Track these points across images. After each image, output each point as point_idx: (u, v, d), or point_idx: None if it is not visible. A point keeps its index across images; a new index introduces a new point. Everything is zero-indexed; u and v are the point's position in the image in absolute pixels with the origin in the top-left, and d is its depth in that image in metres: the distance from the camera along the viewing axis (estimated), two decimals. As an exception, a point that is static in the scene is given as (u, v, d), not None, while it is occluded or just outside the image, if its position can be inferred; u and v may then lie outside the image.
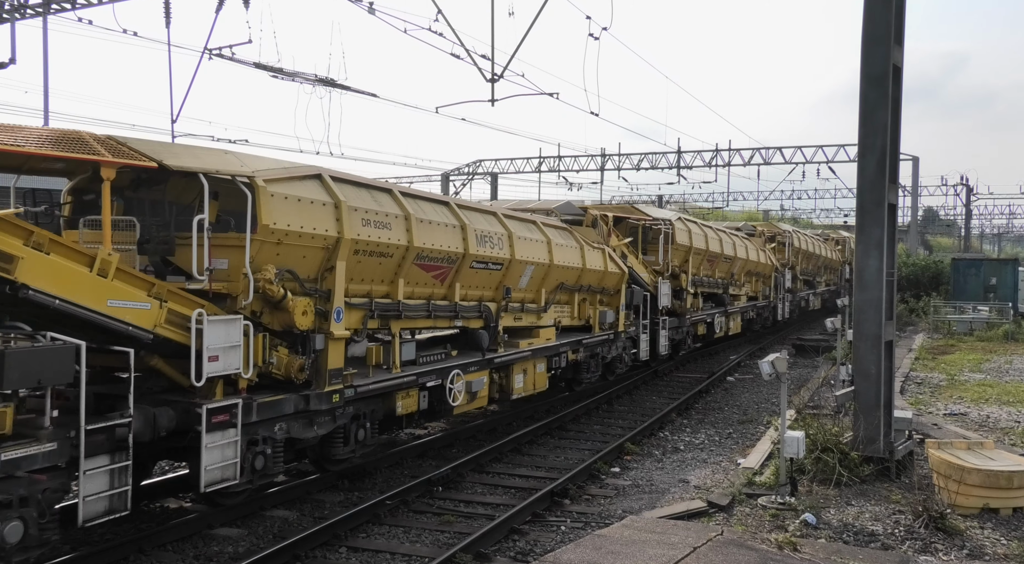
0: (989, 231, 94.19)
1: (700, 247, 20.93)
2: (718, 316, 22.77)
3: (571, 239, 14.77)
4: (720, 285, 23.37)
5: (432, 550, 8.05)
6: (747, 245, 25.77)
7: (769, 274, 28.42)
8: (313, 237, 8.62)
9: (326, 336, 8.86)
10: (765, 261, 27.66)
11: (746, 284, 26.37)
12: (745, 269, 25.65)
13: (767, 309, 28.43)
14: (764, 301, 28.07)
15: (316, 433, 9.00)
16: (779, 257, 30.15)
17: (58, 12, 16.52)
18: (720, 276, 23.38)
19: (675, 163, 45.63)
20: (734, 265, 24.27)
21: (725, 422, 14.87)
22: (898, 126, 10.49)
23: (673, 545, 7.24)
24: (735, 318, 24.64)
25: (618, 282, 16.29)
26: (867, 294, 10.22)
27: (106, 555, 7.44)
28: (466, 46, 16.38)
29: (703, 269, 21.82)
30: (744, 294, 26.10)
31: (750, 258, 25.62)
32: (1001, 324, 28.22)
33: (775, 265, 28.82)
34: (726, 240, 23.55)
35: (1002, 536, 8.13)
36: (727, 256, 23.35)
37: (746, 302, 26.20)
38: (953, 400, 15.64)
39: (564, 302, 14.88)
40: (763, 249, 28.25)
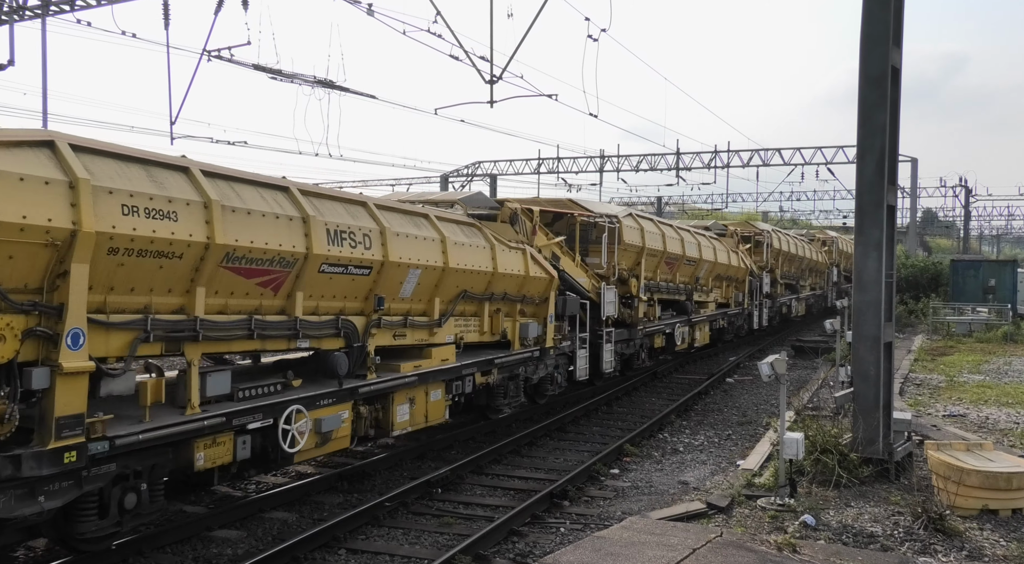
0: (988, 232, 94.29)
1: (655, 247, 18.61)
2: (680, 325, 20.30)
3: (478, 237, 12.07)
4: (682, 291, 20.75)
5: (431, 552, 8.04)
6: (715, 246, 23.36)
7: (743, 278, 25.90)
8: (24, 229, 6.07)
9: (52, 370, 6.32)
10: (737, 264, 25.17)
11: (715, 289, 23.83)
12: (713, 273, 23.21)
13: (740, 317, 25.99)
14: (737, 308, 25.52)
15: (43, 507, 6.37)
16: (756, 259, 27.87)
17: (57, 14, 16.52)
18: (682, 281, 20.93)
19: (674, 164, 45.67)
20: (699, 268, 21.87)
21: (724, 423, 14.87)
22: (897, 127, 10.50)
23: (672, 547, 7.24)
24: (701, 328, 22.28)
25: (545, 289, 13.62)
26: (866, 295, 10.22)
27: (105, 557, 7.43)
28: (465, 47, 16.40)
29: (660, 273, 19.37)
30: (712, 301, 23.51)
31: (719, 261, 23.14)
32: (1000, 325, 28.24)
33: (749, 268, 26.35)
34: (689, 240, 21.21)
35: (1001, 537, 8.12)
36: (690, 258, 20.93)
37: (715, 310, 23.61)
38: (952, 401, 15.65)
39: (470, 314, 12.08)
40: (736, 250, 25.79)
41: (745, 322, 27.98)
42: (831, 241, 39.01)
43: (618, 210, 18.27)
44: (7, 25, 15.78)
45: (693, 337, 21.97)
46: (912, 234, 54.22)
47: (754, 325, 29.13)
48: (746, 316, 28.09)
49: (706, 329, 23.59)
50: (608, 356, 16.24)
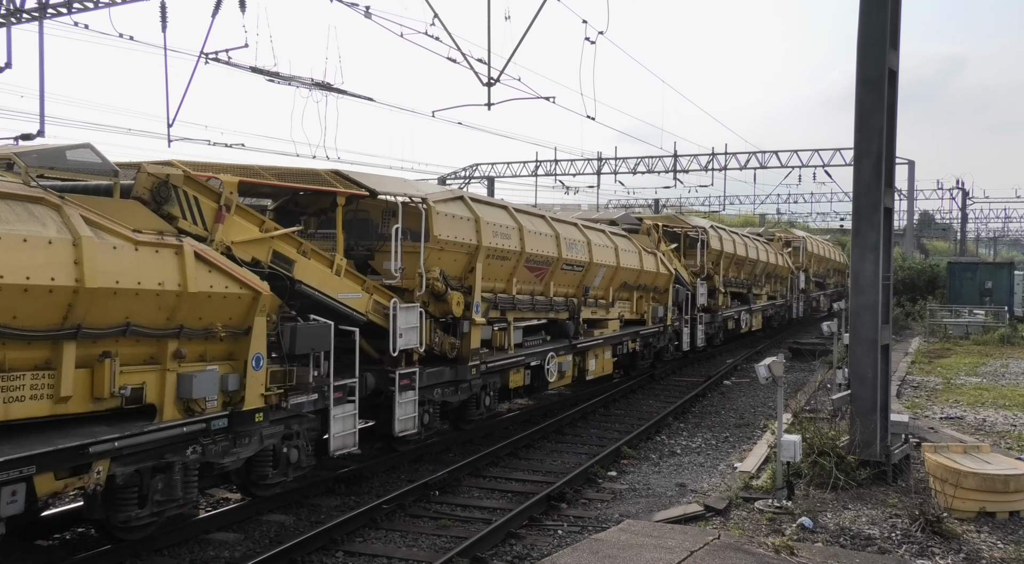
0: (985, 235, 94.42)
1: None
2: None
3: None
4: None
5: (429, 554, 8.03)
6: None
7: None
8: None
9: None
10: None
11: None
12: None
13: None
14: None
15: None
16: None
17: (54, 16, 16.50)
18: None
19: (671, 167, 45.71)
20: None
21: (722, 426, 14.88)
22: (894, 130, 10.52)
23: (670, 549, 7.24)
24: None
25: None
26: (863, 298, 10.23)
27: (103, 559, 7.41)
28: (462, 50, 16.40)
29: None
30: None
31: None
32: (997, 328, 28.28)
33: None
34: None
35: (999, 540, 8.13)
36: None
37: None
38: (949, 404, 15.66)
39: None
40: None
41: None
42: (798, 242, 34.18)
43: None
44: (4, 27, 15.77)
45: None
46: (909, 236, 54.29)
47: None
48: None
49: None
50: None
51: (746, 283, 25.90)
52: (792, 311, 31.82)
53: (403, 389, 10.33)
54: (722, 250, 22.86)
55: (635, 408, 16.34)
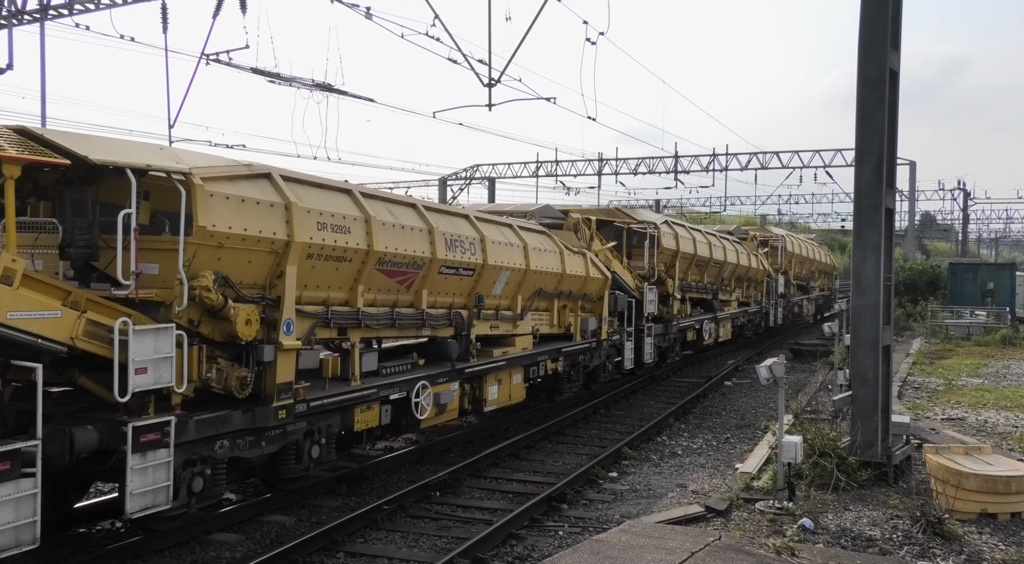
0: (986, 235, 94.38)
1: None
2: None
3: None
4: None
5: (430, 555, 8.03)
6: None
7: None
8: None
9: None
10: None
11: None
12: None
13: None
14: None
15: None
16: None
17: (55, 18, 16.53)
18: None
19: (672, 168, 45.71)
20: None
21: (723, 427, 14.87)
22: (895, 130, 10.51)
23: (671, 550, 7.23)
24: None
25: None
26: (864, 299, 10.22)
27: (103, 561, 7.41)
28: (463, 51, 16.42)
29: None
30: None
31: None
32: (998, 329, 28.24)
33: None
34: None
35: (1000, 541, 8.12)
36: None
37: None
38: (951, 405, 15.64)
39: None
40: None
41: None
42: (776, 241, 30.69)
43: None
44: (6, 29, 15.79)
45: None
46: (910, 237, 54.27)
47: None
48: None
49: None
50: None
51: (710, 288, 22.77)
52: (769, 318, 28.46)
53: (147, 448, 7.01)
54: (678, 249, 19.71)
55: (636, 409, 16.33)
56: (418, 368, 10.88)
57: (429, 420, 10.88)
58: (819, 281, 38.12)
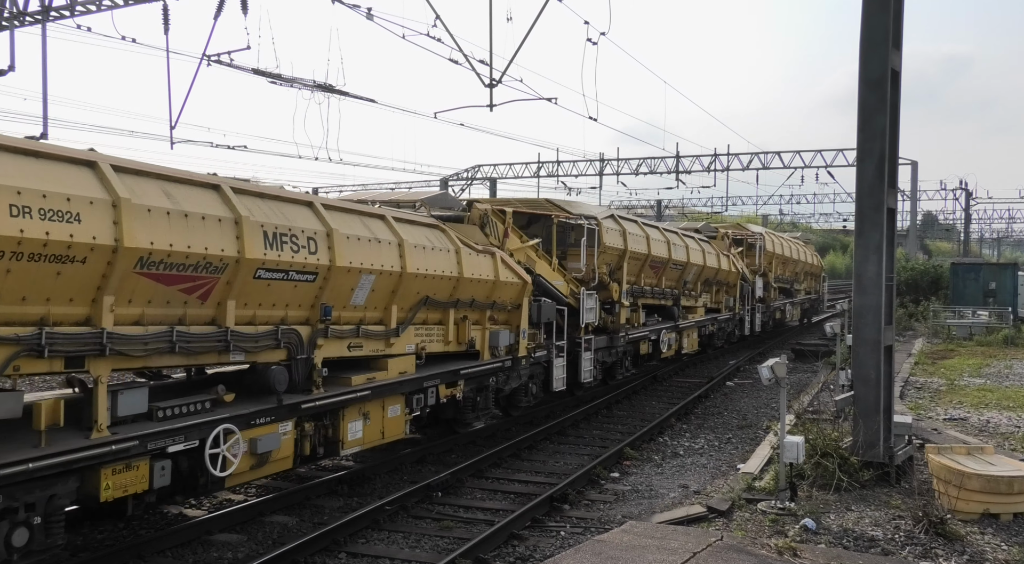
0: (988, 235, 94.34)
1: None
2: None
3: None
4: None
5: (431, 555, 8.03)
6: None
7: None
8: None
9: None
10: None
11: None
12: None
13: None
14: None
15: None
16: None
17: (57, 19, 16.54)
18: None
19: (674, 168, 45.73)
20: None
21: (725, 427, 14.86)
22: (897, 130, 10.50)
23: (673, 551, 7.23)
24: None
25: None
26: (866, 299, 10.22)
27: (106, 561, 7.42)
28: (464, 51, 16.41)
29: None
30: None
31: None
32: (1000, 329, 28.21)
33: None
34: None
35: (1002, 542, 8.11)
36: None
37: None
38: (953, 405, 15.63)
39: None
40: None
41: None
42: (753, 239, 27.71)
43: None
44: (7, 31, 15.80)
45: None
46: (912, 237, 54.25)
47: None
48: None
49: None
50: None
51: (670, 293, 19.98)
52: (745, 326, 25.60)
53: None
54: (626, 248, 16.86)
55: (638, 409, 16.32)
56: (221, 406, 7.86)
57: (241, 475, 8.05)
58: (805, 283, 35.04)
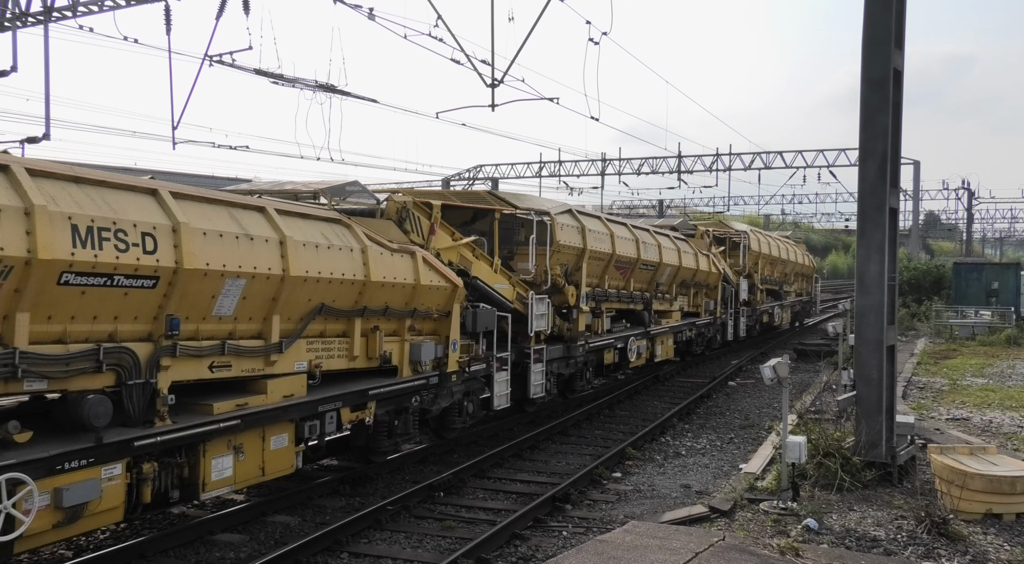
0: (991, 235, 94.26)
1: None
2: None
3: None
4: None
5: (434, 555, 8.03)
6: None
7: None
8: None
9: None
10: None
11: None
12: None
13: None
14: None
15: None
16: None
17: (59, 20, 16.56)
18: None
19: (676, 168, 45.70)
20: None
21: (727, 427, 14.85)
22: (899, 130, 10.49)
23: (675, 550, 7.22)
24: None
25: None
26: (868, 298, 10.21)
27: (108, 561, 7.43)
28: (466, 51, 16.40)
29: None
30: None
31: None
32: (1003, 328, 28.17)
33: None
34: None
35: (1005, 542, 8.09)
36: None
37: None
38: (955, 405, 15.61)
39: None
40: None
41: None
42: (737, 238, 26.05)
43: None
44: (10, 31, 15.82)
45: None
46: (915, 237, 54.22)
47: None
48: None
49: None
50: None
51: (640, 296, 18.08)
52: (727, 330, 24.05)
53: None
54: (585, 247, 14.97)
55: (639, 409, 16.32)
56: (8, 449, 6.12)
57: (40, 536, 6.29)
58: (795, 285, 33.23)
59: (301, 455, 9.00)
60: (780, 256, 29.69)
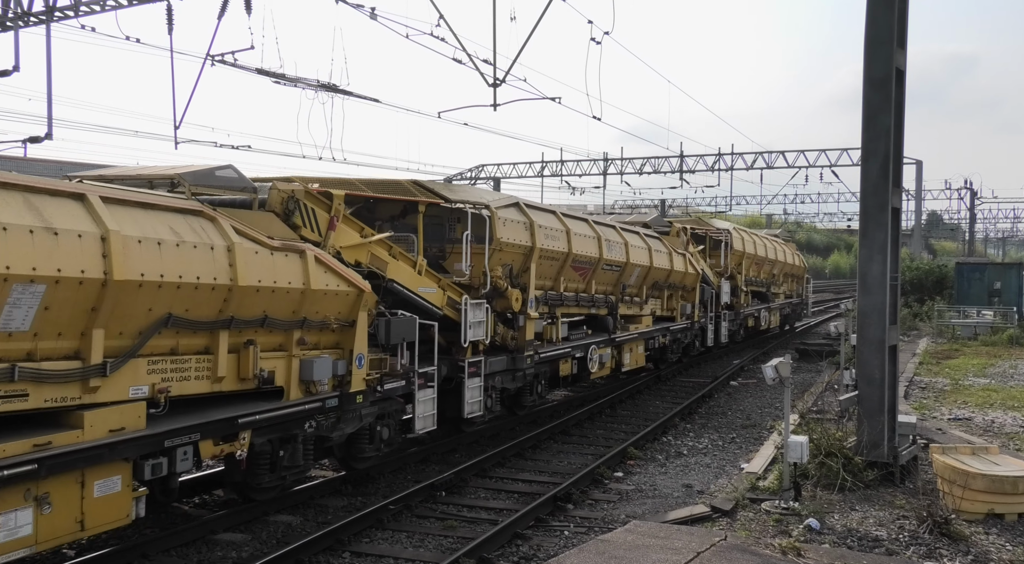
0: (993, 235, 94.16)
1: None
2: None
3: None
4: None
5: (435, 555, 8.04)
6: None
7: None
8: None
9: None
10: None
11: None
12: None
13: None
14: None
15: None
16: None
17: (61, 20, 16.57)
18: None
19: (678, 167, 45.69)
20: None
21: (728, 427, 14.85)
22: (901, 130, 10.48)
23: (677, 550, 7.22)
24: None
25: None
26: (871, 298, 10.20)
27: (110, 560, 7.44)
28: (468, 51, 16.41)
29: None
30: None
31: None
32: (1005, 328, 28.14)
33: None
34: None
35: (1007, 542, 8.09)
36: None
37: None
38: (958, 405, 15.60)
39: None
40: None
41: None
42: (719, 236, 24.39)
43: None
44: (12, 31, 15.84)
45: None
46: (917, 237, 54.17)
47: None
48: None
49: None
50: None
51: (603, 300, 16.03)
52: (707, 336, 22.17)
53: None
54: (533, 245, 13.00)
55: (641, 409, 16.32)
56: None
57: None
58: (784, 286, 31.26)
59: (143, 501, 7.24)
60: (767, 256, 27.74)
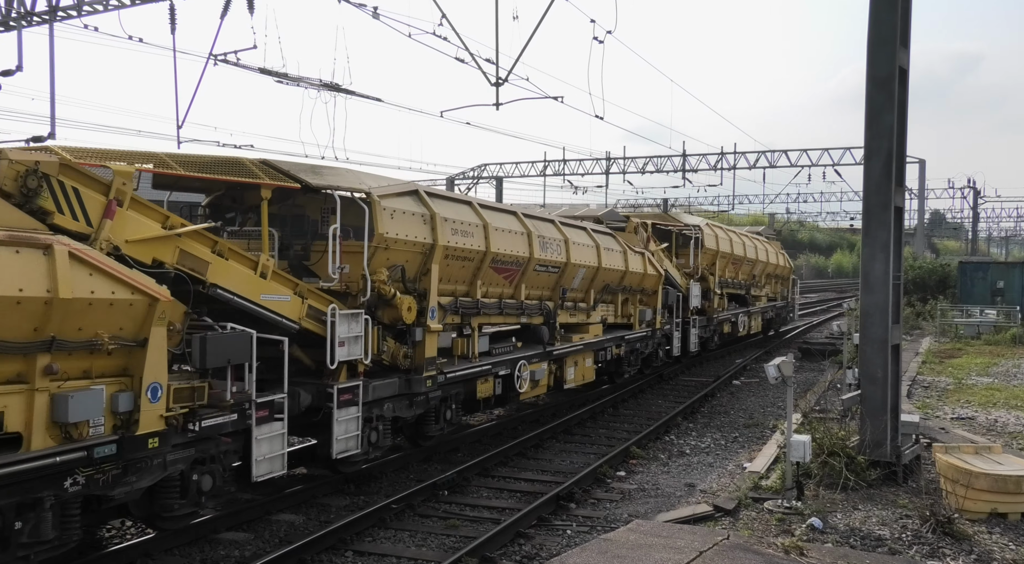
0: (996, 234, 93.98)
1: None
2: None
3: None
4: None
5: (438, 554, 8.04)
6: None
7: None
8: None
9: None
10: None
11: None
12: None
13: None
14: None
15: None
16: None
17: (64, 19, 16.59)
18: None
19: (680, 166, 45.63)
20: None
21: (731, 426, 14.84)
22: (904, 129, 10.47)
23: (679, 549, 7.22)
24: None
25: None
26: (873, 297, 10.19)
27: (113, 559, 7.45)
28: (470, 50, 16.40)
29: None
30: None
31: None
32: (1009, 328, 28.10)
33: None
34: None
35: (1010, 541, 8.08)
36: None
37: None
38: (960, 404, 15.58)
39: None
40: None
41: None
42: (689, 232, 21.90)
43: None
44: (15, 31, 15.86)
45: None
46: (920, 236, 54.09)
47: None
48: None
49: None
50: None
51: (536, 306, 13.52)
52: (673, 344, 19.82)
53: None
54: (435, 242, 10.61)
55: (644, 408, 16.31)
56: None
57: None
58: (767, 288, 28.50)
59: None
60: (746, 255, 25.02)
